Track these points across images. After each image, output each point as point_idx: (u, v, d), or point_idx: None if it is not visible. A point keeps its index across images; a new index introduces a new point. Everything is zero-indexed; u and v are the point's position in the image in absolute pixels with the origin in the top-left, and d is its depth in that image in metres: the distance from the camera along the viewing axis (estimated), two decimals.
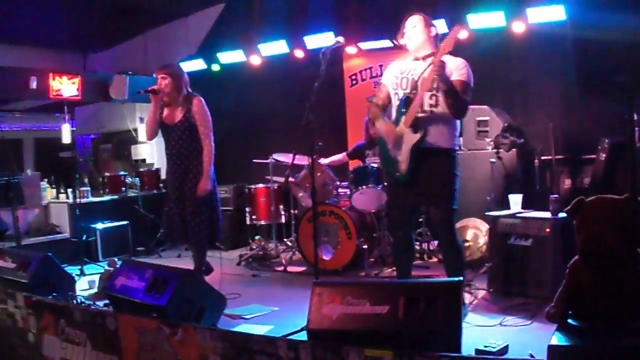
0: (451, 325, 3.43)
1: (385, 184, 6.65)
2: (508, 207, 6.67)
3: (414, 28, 5.45)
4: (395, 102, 5.51)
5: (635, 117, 5.67)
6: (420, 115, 5.27)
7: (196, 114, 6.55)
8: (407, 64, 5.55)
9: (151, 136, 6.78)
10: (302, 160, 7.93)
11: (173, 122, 6.61)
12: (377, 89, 5.71)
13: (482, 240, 7.34)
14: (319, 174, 7.82)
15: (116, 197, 10.40)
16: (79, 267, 8.39)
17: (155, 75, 6.72)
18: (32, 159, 14.78)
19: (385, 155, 5.57)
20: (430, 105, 5.30)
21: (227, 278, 7.67)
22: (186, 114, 6.56)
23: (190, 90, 6.74)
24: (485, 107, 8.15)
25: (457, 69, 5.30)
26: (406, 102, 5.34)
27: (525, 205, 6.74)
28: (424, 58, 5.43)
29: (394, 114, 5.50)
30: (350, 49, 9.69)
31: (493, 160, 7.50)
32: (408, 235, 5.68)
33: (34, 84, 9.99)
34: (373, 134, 5.80)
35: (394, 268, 7.52)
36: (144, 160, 12.34)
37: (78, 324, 4.54)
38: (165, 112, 6.70)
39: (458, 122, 5.52)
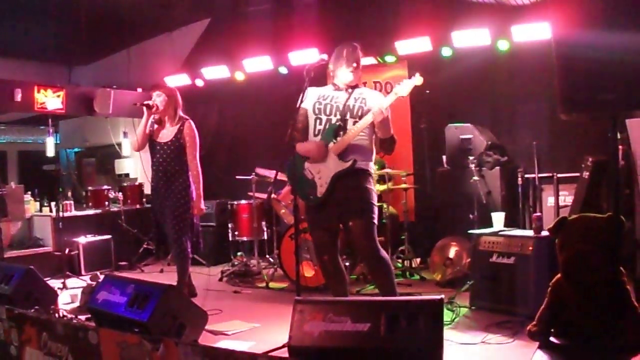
0: (433, 343, 3.43)
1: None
2: (491, 225, 6.69)
3: (357, 68, 5.42)
4: (316, 126, 5.43)
5: (619, 135, 5.69)
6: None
7: (187, 135, 6.90)
8: (328, 91, 5.52)
9: (139, 148, 7.10)
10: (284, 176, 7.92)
11: (163, 141, 6.92)
12: (297, 113, 5.46)
13: (465, 258, 7.34)
14: None
15: (99, 211, 10.40)
16: (62, 280, 8.34)
17: (151, 92, 7.02)
18: (15, 171, 14.74)
19: (298, 176, 5.46)
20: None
21: (209, 294, 7.66)
22: (177, 135, 6.89)
23: (182, 114, 7.02)
24: (469, 125, 8.18)
25: (380, 105, 5.19)
26: (337, 130, 5.31)
27: (508, 223, 6.77)
28: (347, 89, 5.45)
29: (315, 138, 5.43)
30: None
31: (476, 178, 7.53)
32: (335, 258, 5.54)
33: (18, 97, 9.94)
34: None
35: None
36: (127, 175, 12.34)
37: (60, 337, 4.51)
38: (156, 129, 7.00)
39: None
